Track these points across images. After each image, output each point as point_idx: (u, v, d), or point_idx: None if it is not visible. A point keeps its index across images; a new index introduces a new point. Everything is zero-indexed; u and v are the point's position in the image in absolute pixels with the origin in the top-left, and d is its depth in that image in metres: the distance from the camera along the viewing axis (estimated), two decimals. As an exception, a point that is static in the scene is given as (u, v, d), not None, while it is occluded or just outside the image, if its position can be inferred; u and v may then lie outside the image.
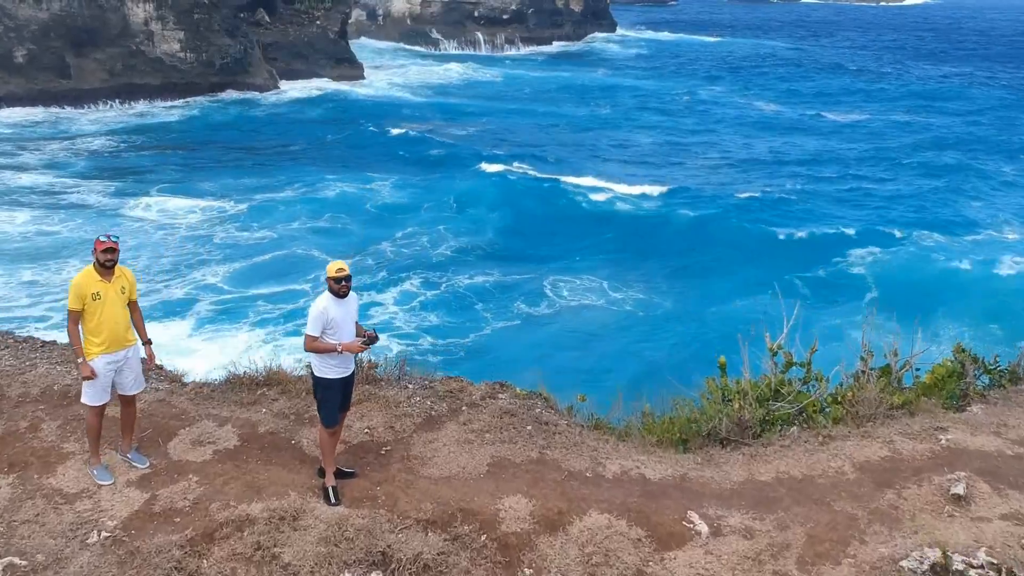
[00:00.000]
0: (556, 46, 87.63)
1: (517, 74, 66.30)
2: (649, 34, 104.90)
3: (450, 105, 50.86)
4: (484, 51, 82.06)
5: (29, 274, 23.23)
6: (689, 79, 66.39)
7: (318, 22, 55.13)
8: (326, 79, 55.03)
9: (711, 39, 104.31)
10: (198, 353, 19.16)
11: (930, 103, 55.90)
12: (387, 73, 63.02)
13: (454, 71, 66.80)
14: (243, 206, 29.26)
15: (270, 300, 22.10)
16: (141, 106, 46.35)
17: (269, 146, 38.80)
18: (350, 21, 63.94)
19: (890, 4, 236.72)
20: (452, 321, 21.10)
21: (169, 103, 47.35)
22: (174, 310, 21.31)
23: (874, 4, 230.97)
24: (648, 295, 22.49)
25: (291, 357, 15.96)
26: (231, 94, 49.41)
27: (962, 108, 54.02)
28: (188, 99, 48.13)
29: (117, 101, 46.61)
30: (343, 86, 54.64)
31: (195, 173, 33.79)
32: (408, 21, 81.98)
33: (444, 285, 22.97)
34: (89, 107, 45.53)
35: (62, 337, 20.52)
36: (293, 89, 52.05)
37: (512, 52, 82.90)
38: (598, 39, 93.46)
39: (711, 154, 38.68)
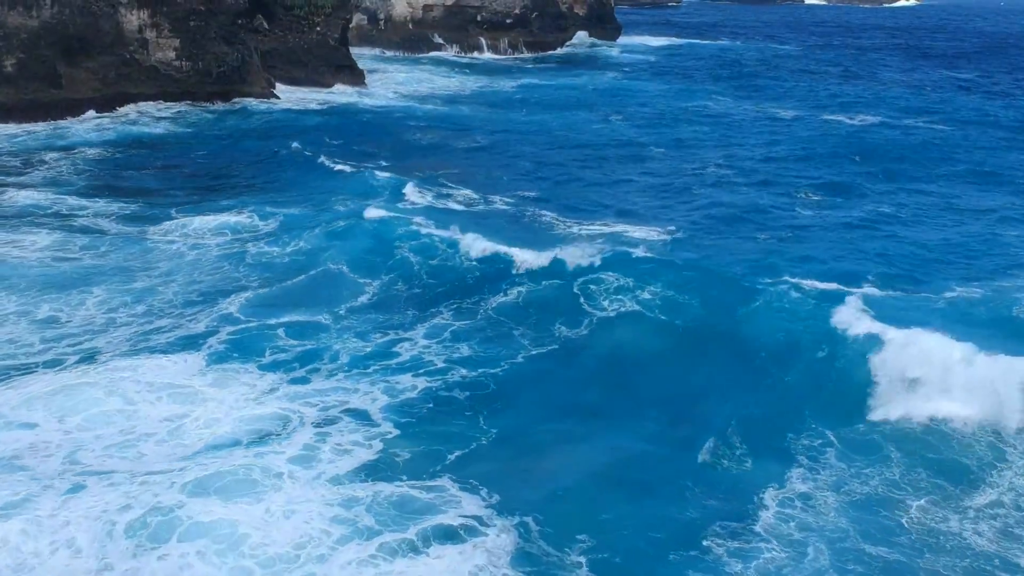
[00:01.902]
0: (561, 50, 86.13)
1: (523, 80, 64.72)
2: (654, 38, 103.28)
3: (456, 116, 49.22)
4: (487, 56, 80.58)
5: (47, 308, 21.27)
6: (699, 84, 64.81)
7: (318, 29, 53.57)
8: (326, 87, 53.56)
9: (717, 43, 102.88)
10: (202, 398, 17.62)
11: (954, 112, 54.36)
12: (388, 80, 61.45)
13: (458, 77, 65.26)
14: (260, 224, 27.61)
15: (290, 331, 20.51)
16: (136, 116, 44.74)
17: (268, 159, 37.14)
18: (351, 25, 62.45)
19: (893, 5, 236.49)
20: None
21: (164, 113, 45.80)
22: (194, 343, 19.73)
23: (876, 6, 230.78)
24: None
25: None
26: (228, 103, 47.89)
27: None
28: (184, 109, 46.60)
29: (111, 111, 45.03)
30: (344, 95, 53.13)
31: (205, 190, 31.99)
32: (410, 26, 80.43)
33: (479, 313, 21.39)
34: (82, 118, 43.94)
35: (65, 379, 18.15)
36: (292, 98, 50.47)
37: (516, 56, 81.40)
38: (603, 43, 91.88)
39: (731, 175, 36.65)
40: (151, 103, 46.29)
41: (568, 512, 14.10)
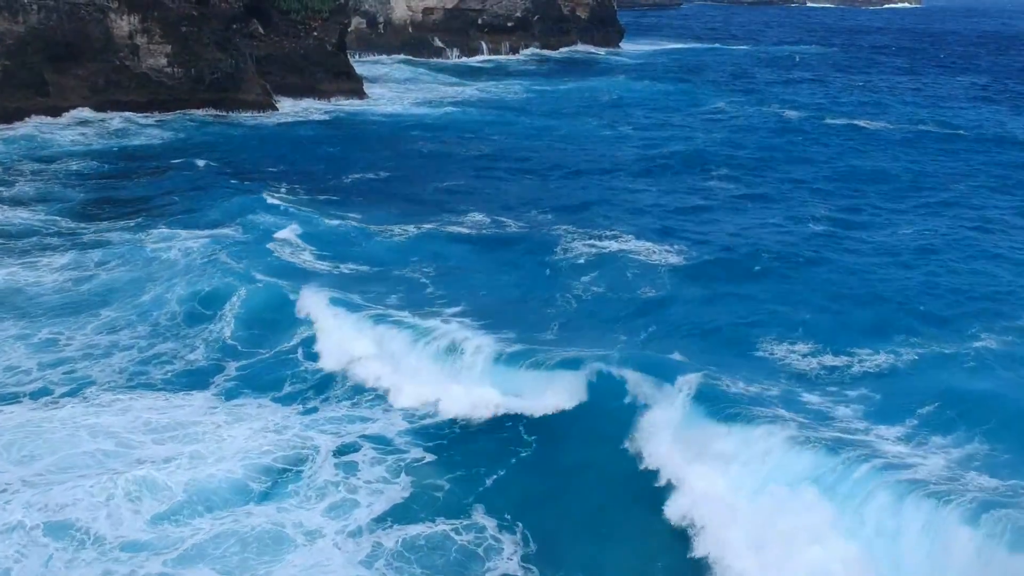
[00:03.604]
0: (563, 54, 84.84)
1: (526, 85, 63.12)
2: (658, 42, 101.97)
3: (458, 124, 47.52)
4: (489, 59, 79.10)
5: (46, 332, 19.79)
6: (705, 89, 63.21)
7: (315, 33, 51.93)
8: (323, 94, 51.86)
9: (721, 47, 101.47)
10: (221, 432, 16.26)
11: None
12: (387, 86, 59.94)
13: (459, 82, 63.71)
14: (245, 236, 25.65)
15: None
16: (127, 126, 42.98)
17: (262, 171, 35.47)
18: (350, 29, 60.94)
19: (896, 6, 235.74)
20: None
21: (155, 121, 44.16)
22: (201, 381, 18.38)
23: (877, 7, 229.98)
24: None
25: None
26: (222, 111, 46.21)
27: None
28: (176, 117, 44.95)
29: (100, 120, 43.39)
30: (341, 102, 51.49)
31: (201, 202, 29.98)
32: (410, 29, 78.94)
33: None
34: (71, 127, 42.25)
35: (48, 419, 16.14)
36: (287, 106, 48.89)
37: (518, 60, 79.87)
38: (606, 47, 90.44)
39: (737, 189, 34.71)
40: (142, 111, 44.63)
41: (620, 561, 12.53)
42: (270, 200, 28.79)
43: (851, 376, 16.63)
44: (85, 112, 43.32)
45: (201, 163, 35.23)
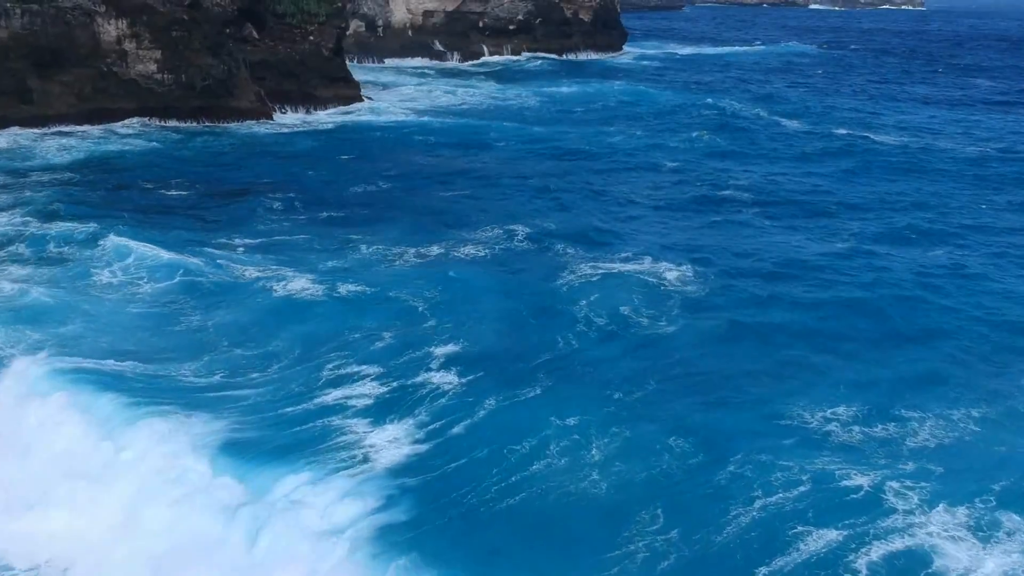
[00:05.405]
0: (566, 57, 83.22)
1: (529, 90, 61.36)
2: (661, 44, 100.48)
3: (460, 132, 45.68)
4: (490, 63, 77.41)
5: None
6: (711, 94, 61.43)
7: (311, 38, 50.16)
8: (319, 101, 50.10)
9: (725, 49, 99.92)
10: None
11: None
12: (387, 92, 58.21)
13: (460, 88, 61.99)
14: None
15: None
16: (109, 136, 41.17)
17: (261, 187, 33.71)
18: (349, 32, 59.31)
19: (900, 7, 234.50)
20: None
21: (144, 130, 42.51)
22: None
23: (876, 8, 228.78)
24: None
25: None
26: (215, 119, 44.42)
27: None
28: (166, 125, 43.33)
29: (86, 128, 41.68)
30: (337, 110, 49.77)
31: (191, 216, 28.60)
32: (409, 32, 77.28)
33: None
34: (55, 136, 40.53)
35: None
36: (282, 113, 47.25)
37: (520, 64, 78.14)
38: (609, 50, 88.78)
39: (748, 198, 33.03)
40: (130, 118, 42.94)
41: None
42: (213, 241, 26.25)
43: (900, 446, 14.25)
44: (69, 120, 41.59)
45: (174, 183, 33.13)
